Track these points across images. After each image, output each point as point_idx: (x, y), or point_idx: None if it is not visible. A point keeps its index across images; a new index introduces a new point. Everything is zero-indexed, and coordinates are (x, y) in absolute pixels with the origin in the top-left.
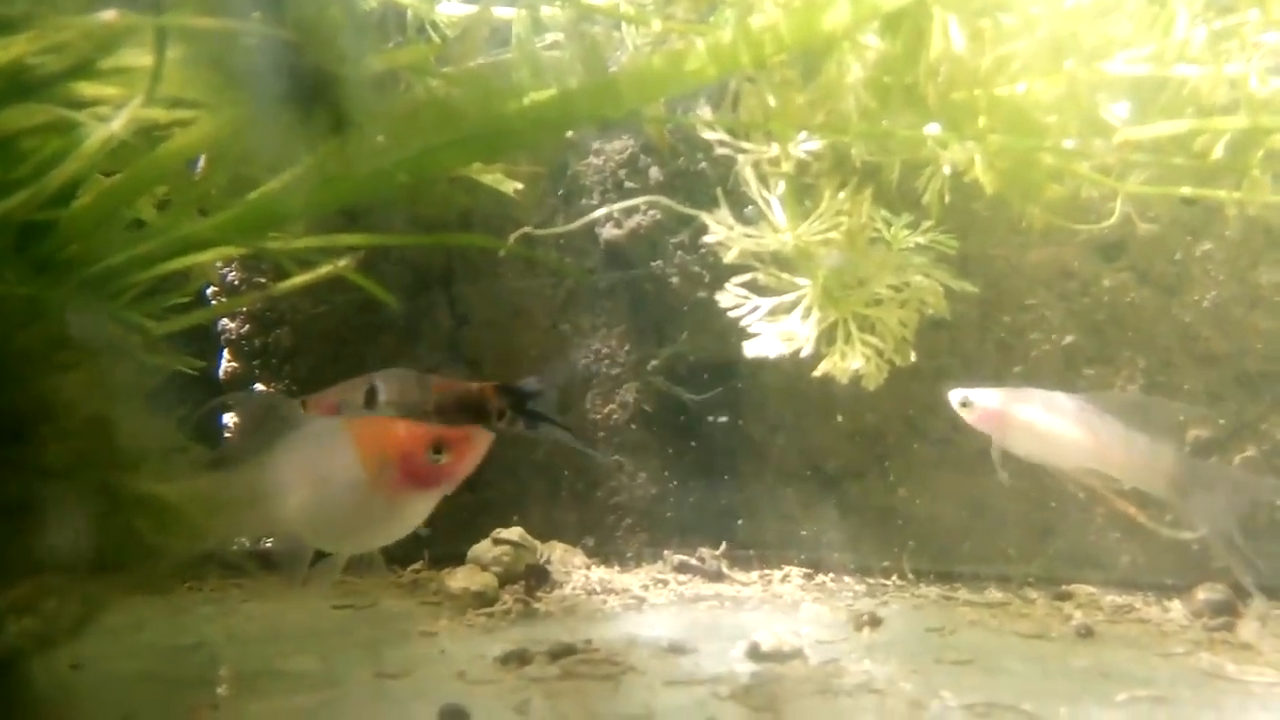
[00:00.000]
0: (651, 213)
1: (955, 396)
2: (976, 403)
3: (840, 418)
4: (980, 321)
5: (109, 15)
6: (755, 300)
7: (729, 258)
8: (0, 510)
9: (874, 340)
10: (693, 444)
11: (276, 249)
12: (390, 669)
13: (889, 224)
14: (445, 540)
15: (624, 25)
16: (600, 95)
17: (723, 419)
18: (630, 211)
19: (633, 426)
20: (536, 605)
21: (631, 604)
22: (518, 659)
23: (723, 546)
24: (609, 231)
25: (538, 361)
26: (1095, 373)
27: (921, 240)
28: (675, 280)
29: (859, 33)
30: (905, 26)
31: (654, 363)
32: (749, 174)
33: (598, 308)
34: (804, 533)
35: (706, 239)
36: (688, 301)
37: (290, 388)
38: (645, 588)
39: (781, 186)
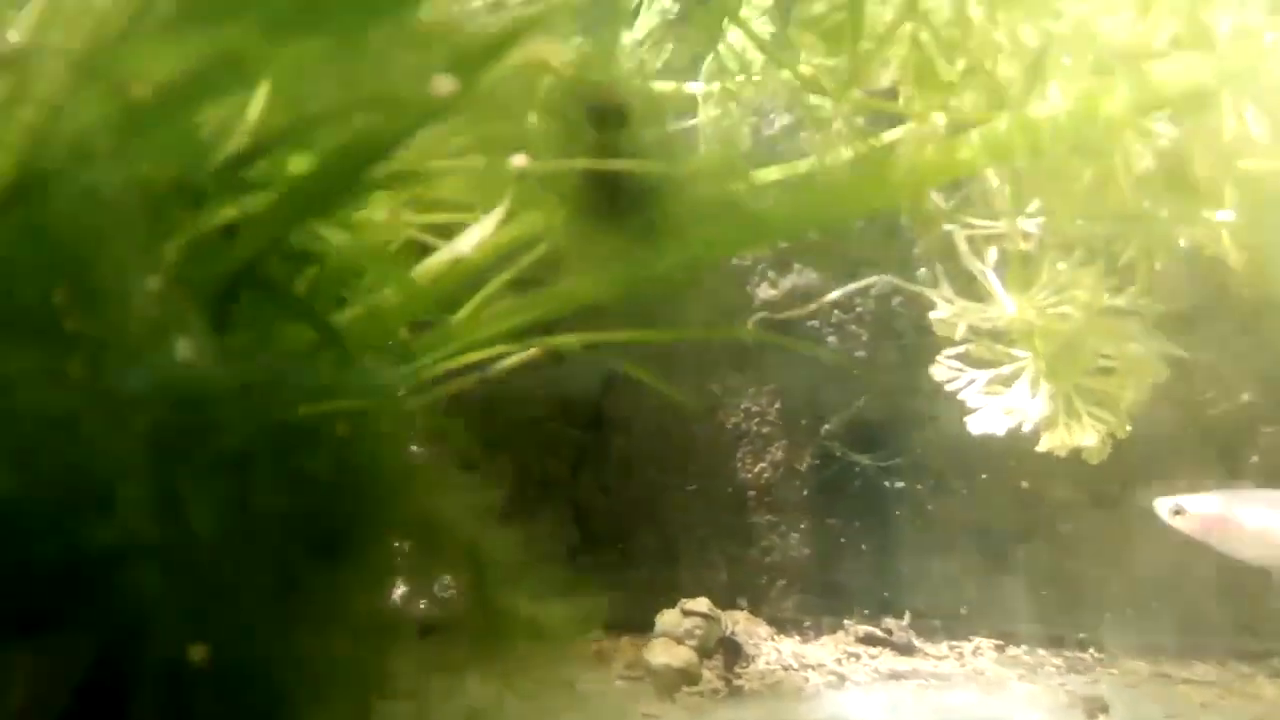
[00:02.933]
0: (807, 273)
1: (1165, 505)
2: (1191, 510)
3: (1024, 483)
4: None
5: (519, 161)
6: (971, 373)
7: (958, 334)
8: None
9: (1101, 413)
10: (861, 508)
11: (551, 344)
12: None
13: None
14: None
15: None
16: (875, 186)
17: (898, 484)
18: (785, 270)
19: (800, 487)
20: (739, 682)
21: (833, 681)
22: None
23: (907, 617)
24: (765, 291)
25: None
26: (1273, 431)
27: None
28: (832, 339)
29: (1139, 119)
30: (1189, 111)
31: (827, 426)
32: (962, 246)
33: (748, 366)
34: (988, 602)
35: (933, 314)
36: (844, 362)
37: None
38: (839, 662)
39: (994, 256)
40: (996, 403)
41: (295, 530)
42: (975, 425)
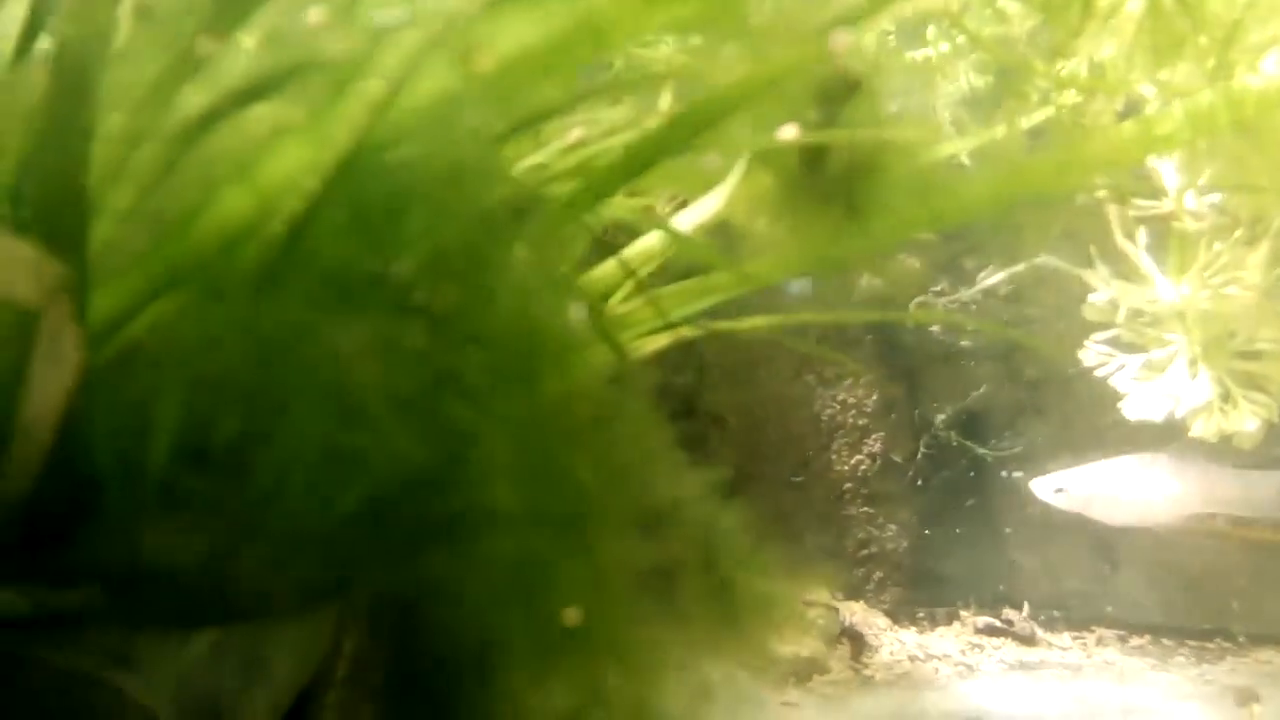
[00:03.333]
0: (910, 261)
1: (1044, 486)
2: (1071, 488)
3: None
4: None
5: (788, 133)
6: (1122, 358)
7: (1120, 316)
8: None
9: (1259, 397)
10: (972, 499)
11: (743, 328)
12: None
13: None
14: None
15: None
16: (1074, 165)
17: (1016, 474)
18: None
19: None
20: (868, 672)
21: (962, 671)
22: None
23: (1025, 608)
24: (868, 281)
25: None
26: None
27: None
28: (936, 328)
29: None
30: None
31: (941, 416)
32: (1115, 225)
33: (845, 357)
34: (1104, 591)
35: (1091, 297)
36: (948, 351)
37: None
38: (964, 652)
39: (1144, 238)
40: (1152, 387)
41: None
42: (1131, 410)
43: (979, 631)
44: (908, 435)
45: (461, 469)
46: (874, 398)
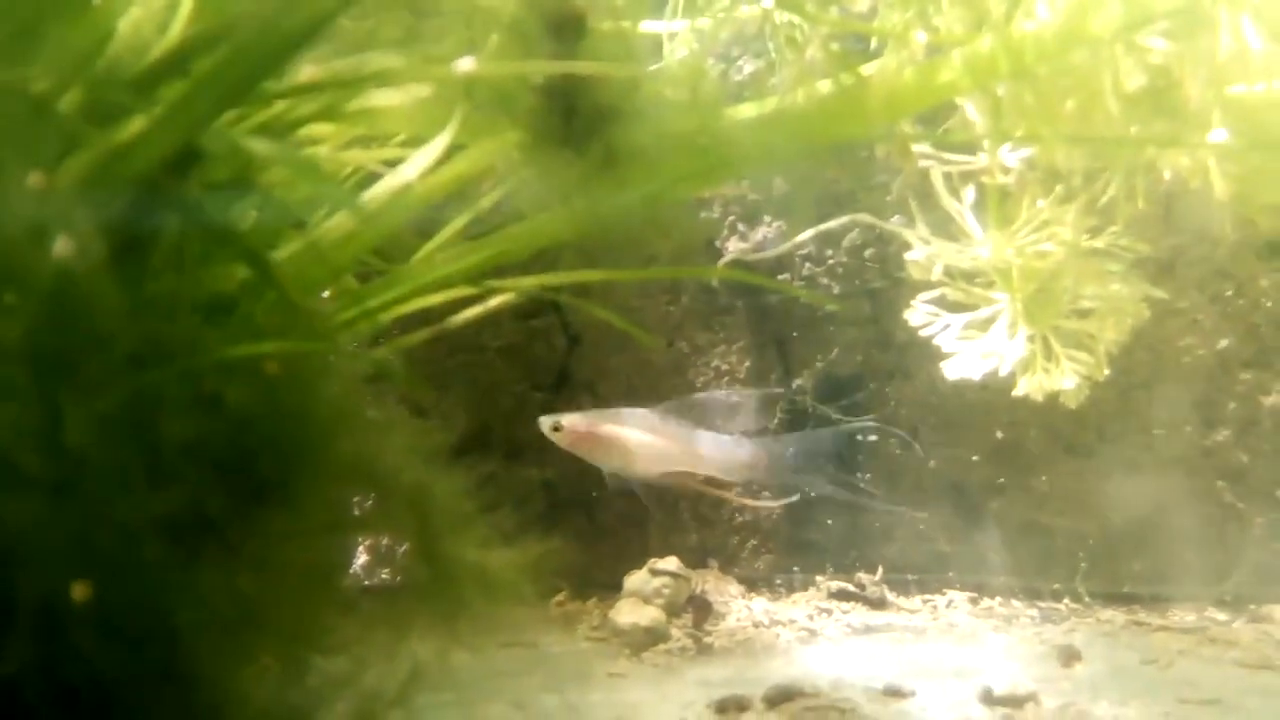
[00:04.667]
0: (777, 224)
1: (546, 422)
2: (566, 426)
3: (999, 433)
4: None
5: (465, 65)
6: (947, 317)
7: (935, 274)
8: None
9: (1081, 356)
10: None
11: (508, 287)
12: None
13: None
14: (579, 570)
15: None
16: (850, 113)
17: (870, 439)
18: (755, 224)
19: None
20: (709, 640)
21: (804, 636)
22: (735, 706)
23: (879, 571)
24: (734, 244)
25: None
26: (1251, 377)
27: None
28: (802, 294)
29: (1129, 35)
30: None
31: (798, 382)
32: (940, 184)
33: (716, 324)
34: (959, 554)
35: (909, 255)
36: (815, 315)
37: None
38: (811, 618)
39: (971, 196)
40: (973, 347)
41: (217, 470)
42: (951, 370)
43: (831, 596)
44: (794, 403)
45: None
46: (746, 364)
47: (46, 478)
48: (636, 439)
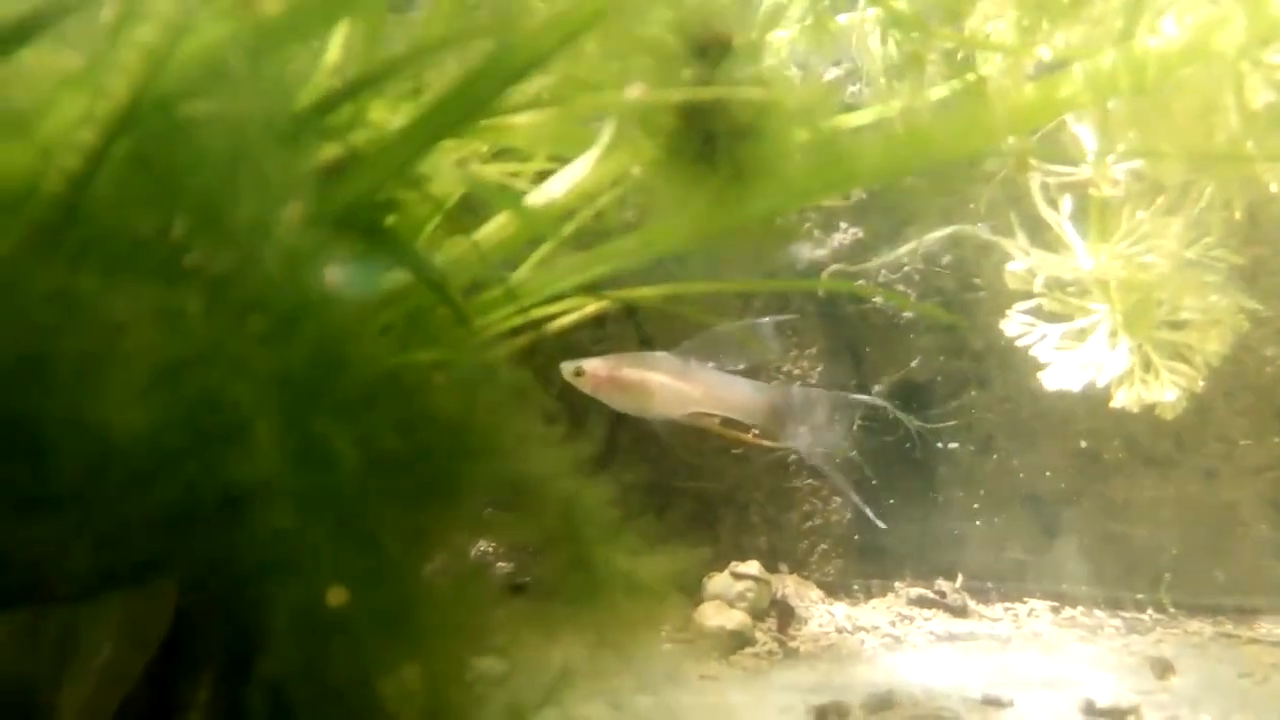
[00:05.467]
0: (853, 231)
1: (568, 368)
2: (588, 370)
3: (1079, 442)
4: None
5: (635, 92)
6: (1044, 327)
7: (1037, 286)
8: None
9: (1181, 367)
10: (913, 470)
11: (637, 296)
12: None
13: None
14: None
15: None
16: (973, 128)
17: (951, 445)
18: (831, 230)
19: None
20: (794, 644)
21: (889, 643)
22: (836, 712)
23: (959, 579)
24: (811, 252)
25: None
26: None
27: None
28: (879, 300)
29: (1255, 52)
30: None
31: (877, 387)
32: (1037, 195)
33: (788, 329)
34: (1038, 562)
35: (1009, 266)
36: (892, 323)
37: None
38: (893, 624)
39: (1069, 206)
40: (1072, 358)
41: (397, 478)
42: (1050, 381)
43: (911, 603)
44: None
45: (231, 444)
46: (819, 370)
47: (293, 491)
48: (658, 382)
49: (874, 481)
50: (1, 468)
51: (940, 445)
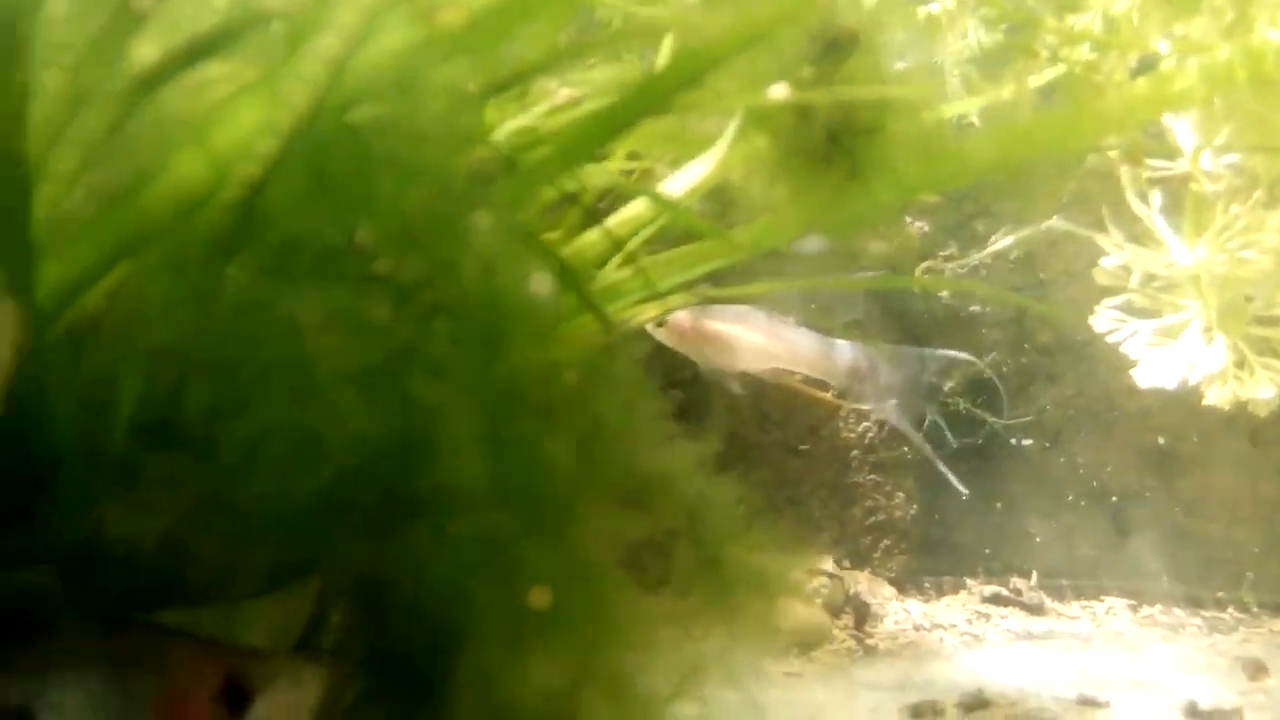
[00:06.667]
0: (919, 224)
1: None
2: (671, 321)
3: (1154, 438)
4: None
5: (779, 92)
6: (1134, 323)
7: (1133, 282)
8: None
9: (1275, 364)
10: (982, 467)
11: (721, 296)
12: None
13: None
14: None
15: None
16: (1087, 123)
17: (1025, 442)
18: (895, 222)
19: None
20: (871, 641)
21: (968, 640)
22: (931, 711)
23: (1034, 576)
24: (874, 245)
25: None
26: None
27: None
28: (945, 293)
29: None
30: None
31: (950, 383)
32: (1128, 187)
33: (853, 324)
34: (1113, 560)
35: (1104, 261)
36: (958, 317)
37: None
38: (970, 622)
39: (1158, 200)
40: (1164, 354)
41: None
42: (1143, 378)
43: (985, 600)
44: (945, 405)
45: (428, 445)
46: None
47: (501, 493)
48: (741, 335)
49: (955, 446)
50: (189, 472)
51: (1012, 441)
